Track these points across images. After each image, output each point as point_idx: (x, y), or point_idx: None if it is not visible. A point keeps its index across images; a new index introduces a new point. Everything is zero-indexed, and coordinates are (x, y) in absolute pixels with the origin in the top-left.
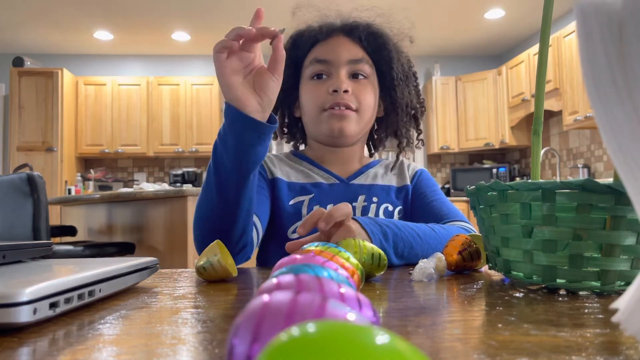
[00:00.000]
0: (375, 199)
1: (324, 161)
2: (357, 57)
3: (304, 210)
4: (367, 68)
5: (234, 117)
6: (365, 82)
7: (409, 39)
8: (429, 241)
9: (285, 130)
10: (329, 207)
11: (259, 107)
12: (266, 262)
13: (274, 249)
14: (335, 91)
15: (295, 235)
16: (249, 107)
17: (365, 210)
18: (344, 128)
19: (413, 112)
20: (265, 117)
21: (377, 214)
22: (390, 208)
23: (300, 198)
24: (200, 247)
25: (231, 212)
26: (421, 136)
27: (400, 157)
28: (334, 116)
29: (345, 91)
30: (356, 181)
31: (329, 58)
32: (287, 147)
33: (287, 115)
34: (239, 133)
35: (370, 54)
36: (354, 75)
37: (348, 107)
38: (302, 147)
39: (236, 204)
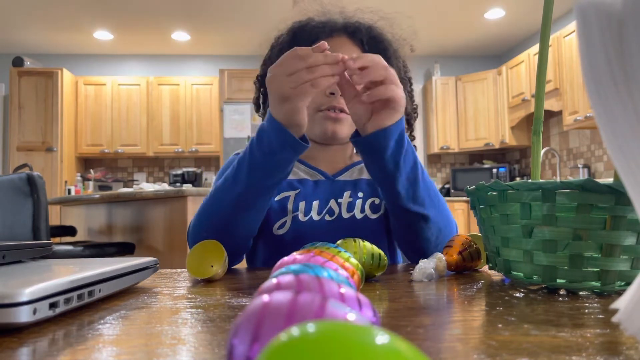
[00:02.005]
0: (360, 194)
1: (312, 158)
2: None
3: (290, 206)
4: None
5: (290, 142)
6: None
7: (409, 47)
8: (433, 200)
9: None
10: (315, 203)
11: None
12: (253, 259)
13: (261, 246)
14: (332, 94)
15: (280, 232)
16: (301, 129)
17: (351, 206)
18: (337, 131)
19: (407, 118)
20: None
21: (363, 209)
22: (377, 202)
23: (286, 193)
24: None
25: (250, 219)
26: (414, 142)
27: None
28: (329, 119)
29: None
30: (342, 177)
31: None
32: None
33: None
34: (289, 155)
35: None
36: None
37: (343, 111)
38: None
39: (258, 212)
